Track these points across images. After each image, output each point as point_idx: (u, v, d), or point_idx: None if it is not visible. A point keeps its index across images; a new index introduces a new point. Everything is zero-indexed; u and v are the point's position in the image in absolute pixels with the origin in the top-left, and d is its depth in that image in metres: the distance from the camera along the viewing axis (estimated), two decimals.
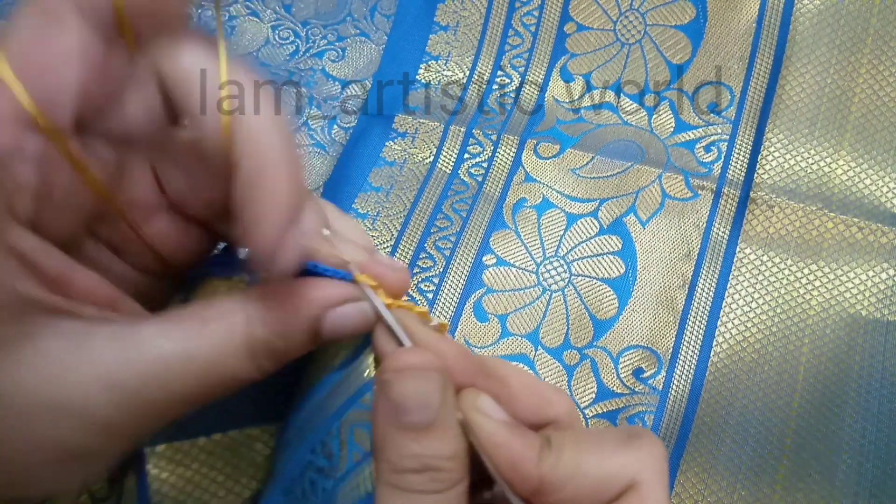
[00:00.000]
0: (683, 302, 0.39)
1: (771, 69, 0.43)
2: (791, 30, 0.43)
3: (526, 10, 0.46)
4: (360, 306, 0.23)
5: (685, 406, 0.36)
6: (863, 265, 0.38)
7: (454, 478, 0.21)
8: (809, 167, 0.41)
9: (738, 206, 0.40)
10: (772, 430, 0.35)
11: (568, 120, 0.44)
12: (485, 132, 0.43)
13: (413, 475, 0.21)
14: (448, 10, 0.47)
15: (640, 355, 0.38)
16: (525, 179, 0.42)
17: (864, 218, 0.39)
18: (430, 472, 0.21)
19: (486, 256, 0.40)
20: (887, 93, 0.41)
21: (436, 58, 0.46)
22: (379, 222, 0.41)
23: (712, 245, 0.40)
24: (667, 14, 0.45)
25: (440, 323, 0.23)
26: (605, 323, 0.38)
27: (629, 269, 0.40)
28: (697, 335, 0.38)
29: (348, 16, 0.48)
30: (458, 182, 0.42)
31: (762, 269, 0.39)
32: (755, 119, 0.42)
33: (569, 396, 0.24)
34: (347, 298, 0.23)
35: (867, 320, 0.37)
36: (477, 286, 0.40)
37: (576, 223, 0.41)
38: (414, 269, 0.40)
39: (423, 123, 0.44)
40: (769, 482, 0.34)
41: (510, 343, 0.38)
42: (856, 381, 0.36)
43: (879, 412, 0.35)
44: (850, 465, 0.34)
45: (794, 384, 0.36)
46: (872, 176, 0.40)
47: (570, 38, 0.45)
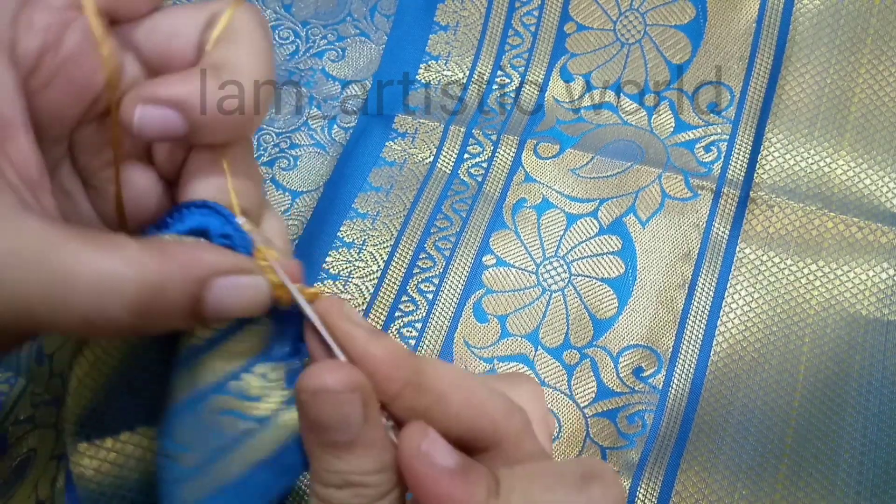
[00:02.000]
0: (683, 301, 0.39)
1: (771, 69, 0.43)
2: (791, 30, 0.43)
3: (526, 9, 0.46)
4: (255, 281, 0.21)
5: (685, 405, 0.36)
6: (863, 265, 0.38)
7: (382, 491, 0.20)
8: (809, 167, 0.41)
9: (737, 206, 0.40)
10: (772, 429, 0.35)
11: (568, 120, 0.44)
12: (485, 132, 0.44)
13: (337, 490, 0.20)
14: (448, 10, 0.47)
15: (639, 354, 0.38)
16: (525, 179, 0.42)
17: (863, 218, 0.39)
18: (354, 487, 0.20)
19: (486, 257, 0.40)
20: (887, 93, 0.41)
21: (436, 58, 0.46)
22: (378, 222, 0.41)
23: (712, 245, 0.40)
24: (667, 14, 0.45)
25: (314, 290, 0.22)
26: (604, 322, 0.38)
27: (629, 268, 0.40)
28: (697, 334, 0.38)
29: (348, 16, 0.48)
30: (457, 182, 0.42)
31: (762, 268, 0.39)
32: (755, 119, 0.42)
33: (506, 398, 0.23)
34: (242, 269, 0.21)
35: (867, 320, 0.37)
36: (477, 287, 0.40)
37: (575, 223, 0.41)
38: (414, 270, 0.40)
39: (423, 123, 0.44)
40: (770, 481, 0.34)
41: (510, 343, 0.38)
42: (856, 380, 0.36)
43: (880, 412, 0.35)
44: (851, 464, 0.34)
45: (794, 383, 0.36)
46: (872, 176, 0.40)
47: (570, 38, 0.46)
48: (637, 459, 0.35)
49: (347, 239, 0.41)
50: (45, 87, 0.21)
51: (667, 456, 0.35)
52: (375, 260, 0.40)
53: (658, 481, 0.35)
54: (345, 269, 0.40)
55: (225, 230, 0.22)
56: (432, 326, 0.39)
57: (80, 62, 0.21)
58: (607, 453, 0.36)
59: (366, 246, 0.41)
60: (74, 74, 0.21)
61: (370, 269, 0.40)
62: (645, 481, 0.35)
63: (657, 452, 0.35)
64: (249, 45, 0.22)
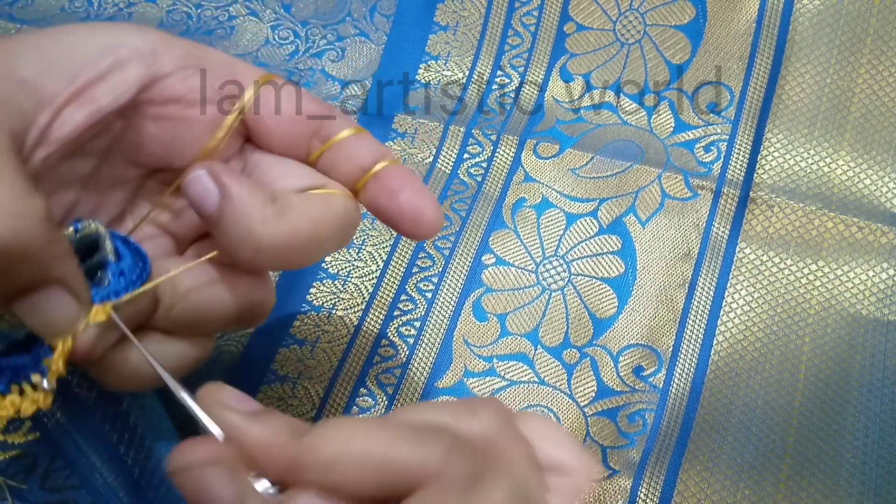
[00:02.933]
0: (683, 301, 0.39)
1: (770, 69, 0.43)
2: (791, 30, 0.43)
3: (526, 9, 0.46)
4: (67, 308, 0.22)
5: (686, 404, 0.36)
6: (863, 265, 0.38)
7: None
8: (809, 167, 0.41)
9: (737, 206, 0.40)
10: (774, 428, 0.35)
11: (567, 120, 0.44)
12: (484, 132, 0.43)
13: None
14: (448, 10, 0.47)
15: (640, 353, 0.38)
16: (524, 179, 0.42)
17: (863, 218, 0.39)
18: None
19: (486, 256, 0.40)
20: (887, 93, 0.41)
21: (435, 58, 0.46)
22: (378, 222, 0.41)
23: (712, 245, 0.40)
24: (666, 14, 0.45)
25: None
26: (604, 322, 0.38)
27: (629, 268, 0.39)
28: (698, 334, 0.38)
29: (348, 16, 0.48)
30: (457, 182, 0.42)
31: (762, 268, 0.39)
32: (755, 119, 0.42)
33: (419, 434, 0.21)
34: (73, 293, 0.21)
35: (867, 320, 0.37)
36: (476, 286, 0.39)
37: (575, 223, 0.41)
38: (413, 269, 0.40)
39: (423, 123, 0.44)
40: (773, 481, 0.34)
41: (509, 342, 0.38)
42: (857, 380, 0.36)
43: (881, 412, 0.35)
44: (853, 464, 0.34)
45: (795, 383, 0.36)
46: (872, 176, 0.40)
47: (570, 37, 0.46)
48: (638, 458, 0.35)
49: None
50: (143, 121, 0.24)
51: (668, 455, 0.35)
52: (374, 260, 0.40)
53: (660, 480, 0.34)
54: (343, 268, 0.40)
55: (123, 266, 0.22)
56: (431, 325, 0.38)
57: (194, 128, 0.25)
58: (608, 452, 0.35)
59: (365, 245, 0.41)
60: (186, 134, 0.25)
61: (369, 269, 0.40)
62: (646, 480, 0.34)
63: (658, 451, 0.35)
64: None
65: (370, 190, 0.27)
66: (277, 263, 0.25)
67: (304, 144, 0.26)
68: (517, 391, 0.37)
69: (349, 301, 0.39)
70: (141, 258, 0.22)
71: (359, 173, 0.26)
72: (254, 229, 0.23)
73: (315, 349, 0.38)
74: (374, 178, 0.26)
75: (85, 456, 0.25)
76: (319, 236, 0.24)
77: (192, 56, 0.24)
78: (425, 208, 0.26)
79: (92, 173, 0.25)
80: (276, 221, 0.23)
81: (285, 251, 0.24)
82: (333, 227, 0.25)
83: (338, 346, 0.38)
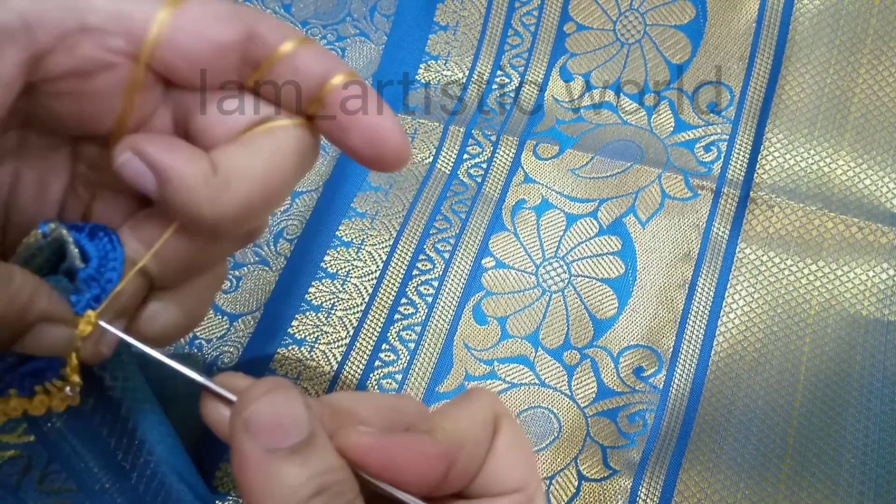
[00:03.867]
0: (683, 301, 0.39)
1: (771, 69, 0.43)
2: (791, 30, 0.43)
3: (526, 9, 0.46)
4: (57, 334, 0.21)
5: (686, 404, 0.36)
6: (863, 265, 0.38)
7: (356, 488, 0.20)
8: (809, 167, 0.41)
9: (737, 206, 0.40)
10: (774, 429, 0.35)
11: (567, 120, 0.44)
12: (484, 133, 0.43)
13: (315, 499, 0.19)
14: (448, 9, 0.47)
15: (640, 354, 0.38)
16: (524, 180, 0.42)
17: (864, 218, 0.39)
18: (328, 491, 0.19)
19: (486, 259, 0.40)
20: (887, 93, 0.41)
21: (435, 58, 0.46)
22: (378, 221, 0.41)
23: (712, 245, 0.40)
24: (667, 14, 0.45)
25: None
26: (605, 323, 0.38)
27: (629, 269, 0.39)
28: (698, 334, 0.38)
29: (348, 16, 0.48)
30: (457, 183, 0.42)
31: (762, 268, 0.39)
32: (755, 119, 0.42)
33: (414, 400, 0.23)
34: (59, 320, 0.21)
35: (867, 320, 0.37)
36: (476, 289, 0.39)
37: (575, 224, 0.41)
38: (413, 272, 0.40)
39: (423, 124, 0.44)
40: (773, 481, 0.34)
41: (510, 345, 0.38)
42: (857, 380, 0.36)
43: (881, 412, 0.35)
44: (853, 464, 0.34)
45: (795, 383, 0.36)
46: (872, 176, 0.40)
47: (570, 37, 0.46)
48: (638, 458, 0.35)
49: (346, 238, 0.41)
50: (54, 96, 0.21)
51: (668, 455, 0.35)
52: (374, 260, 0.40)
53: (660, 480, 0.34)
54: (343, 268, 0.40)
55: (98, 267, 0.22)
56: (432, 329, 0.38)
57: (102, 98, 0.21)
58: (608, 452, 0.35)
59: (364, 245, 0.41)
60: (90, 105, 0.21)
61: (369, 269, 0.40)
62: (647, 480, 0.34)
63: (659, 452, 0.35)
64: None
65: (325, 113, 0.22)
66: (241, 228, 0.22)
67: (235, 69, 0.22)
68: (518, 393, 0.37)
69: (349, 301, 0.39)
70: (112, 246, 0.22)
71: (309, 94, 0.22)
72: (202, 212, 0.21)
73: (314, 349, 0.38)
74: (327, 97, 0.22)
75: (82, 460, 0.25)
76: (275, 192, 0.22)
77: (69, 12, 0.20)
78: (388, 135, 0.23)
79: (21, 143, 0.23)
80: (224, 196, 0.21)
81: (242, 219, 0.22)
82: (288, 175, 0.22)
83: (337, 348, 0.38)
